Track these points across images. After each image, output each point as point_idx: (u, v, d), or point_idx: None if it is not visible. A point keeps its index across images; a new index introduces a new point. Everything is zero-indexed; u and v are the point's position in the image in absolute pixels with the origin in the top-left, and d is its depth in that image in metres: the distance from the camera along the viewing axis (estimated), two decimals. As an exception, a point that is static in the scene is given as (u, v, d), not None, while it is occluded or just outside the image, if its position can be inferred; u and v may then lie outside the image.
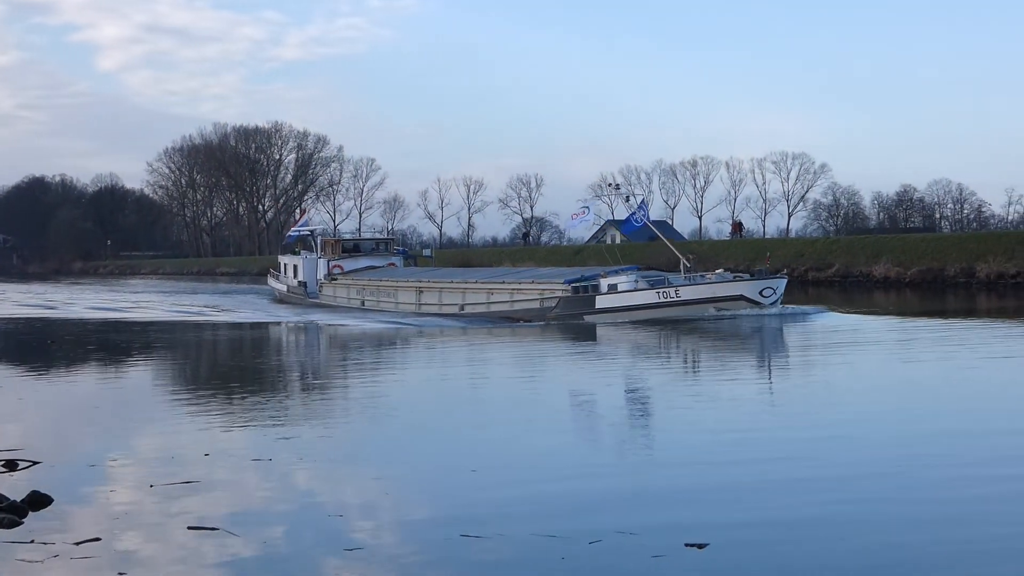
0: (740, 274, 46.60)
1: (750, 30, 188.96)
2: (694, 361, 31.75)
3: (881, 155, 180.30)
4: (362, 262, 63.46)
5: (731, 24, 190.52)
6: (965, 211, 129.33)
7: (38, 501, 11.99)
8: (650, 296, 42.32)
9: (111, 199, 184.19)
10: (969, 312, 47.95)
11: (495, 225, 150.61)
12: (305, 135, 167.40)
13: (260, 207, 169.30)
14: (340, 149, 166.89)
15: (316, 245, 65.83)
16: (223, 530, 10.93)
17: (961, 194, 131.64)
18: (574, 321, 42.94)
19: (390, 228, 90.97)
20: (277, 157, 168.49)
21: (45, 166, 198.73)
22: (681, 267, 44.42)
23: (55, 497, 12.20)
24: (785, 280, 43.09)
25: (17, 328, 49.68)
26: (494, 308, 49.01)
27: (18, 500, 11.92)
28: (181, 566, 9.84)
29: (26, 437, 16.59)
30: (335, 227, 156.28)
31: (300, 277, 64.72)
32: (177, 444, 16.43)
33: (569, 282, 45.69)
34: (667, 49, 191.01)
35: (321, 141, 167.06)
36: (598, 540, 10.52)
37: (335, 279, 61.81)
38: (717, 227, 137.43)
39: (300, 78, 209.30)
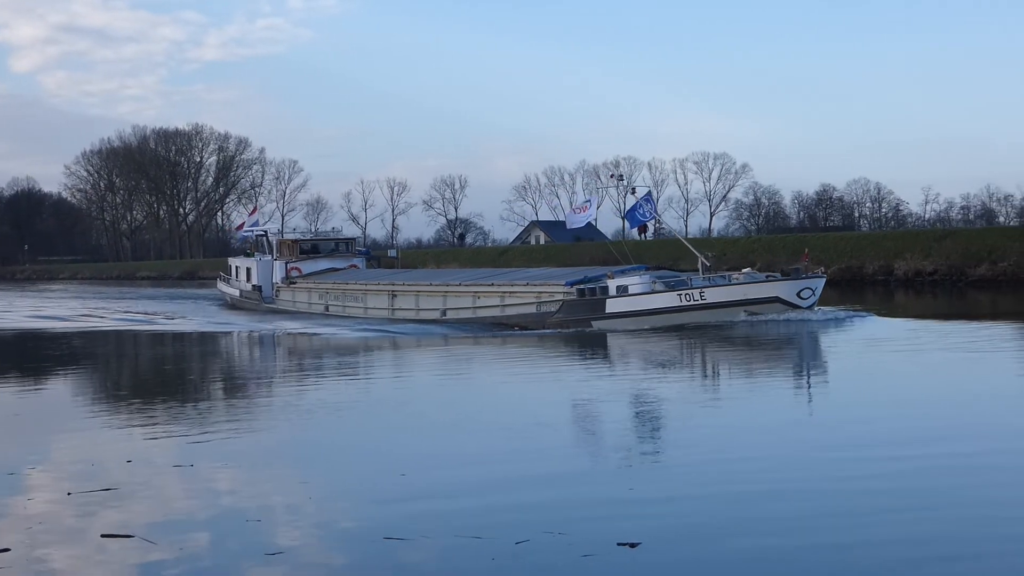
0: (772, 274, 42.49)
1: (671, 32, 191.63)
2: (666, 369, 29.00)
3: (801, 155, 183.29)
4: (322, 264, 59.18)
5: (653, 26, 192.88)
6: (883, 210, 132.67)
7: (-51, 510, 11.70)
8: (671, 299, 37.89)
9: (27, 203, 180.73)
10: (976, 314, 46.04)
11: (419, 227, 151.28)
12: (226, 137, 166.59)
13: (181, 210, 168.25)
14: (262, 151, 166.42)
15: (271, 246, 62.09)
16: (139, 537, 10.66)
17: (879, 193, 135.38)
18: (580, 328, 38.63)
19: (312, 230, 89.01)
20: (198, 159, 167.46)
21: None
22: (699, 266, 40.05)
23: (-34, 506, 11.96)
24: (824, 280, 38.55)
25: None
26: (481, 313, 44.41)
27: (-73, 508, 11.68)
28: (94, 574, 9.65)
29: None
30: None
31: (254, 281, 60.78)
32: (99, 452, 16.12)
33: (571, 284, 40.88)
34: (589, 51, 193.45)
35: (242, 143, 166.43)
36: (526, 540, 10.35)
37: (293, 282, 58.00)
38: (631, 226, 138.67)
39: (220, 79, 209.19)
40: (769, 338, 32.52)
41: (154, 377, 31.17)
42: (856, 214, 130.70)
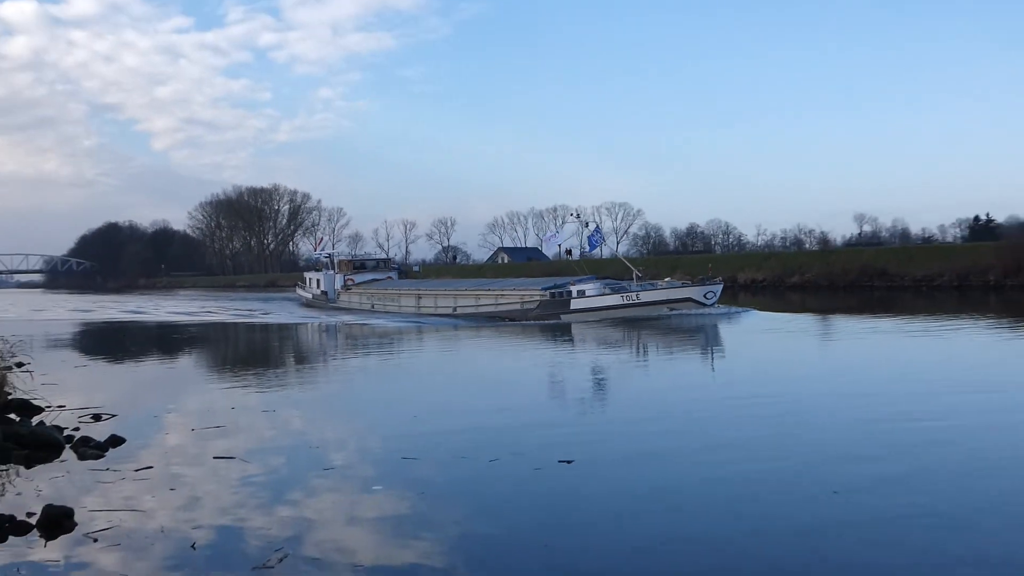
0: (686, 281, 42.95)
1: (591, 121, 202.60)
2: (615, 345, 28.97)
3: (677, 202, 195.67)
4: (367, 276, 61.29)
5: (579, 118, 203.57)
6: (730, 239, 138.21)
7: (115, 441, 12.48)
8: (616, 299, 38.84)
9: (163, 237, 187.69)
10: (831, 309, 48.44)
11: (424, 251, 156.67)
12: (295, 192, 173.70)
13: (264, 241, 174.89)
14: (319, 201, 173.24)
15: (333, 264, 63.54)
16: (239, 458, 11.45)
17: (727, 227, 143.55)
18: (551, 320, 38.82)
19: (352, 253, 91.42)
20: (276, 207, 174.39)
21: (117, 215, 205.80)
22: (633, 277, 41.15)
23: (127, 438, 12.66)
24: (721, 285, 39.16)
25: (110, 328, 49.12)
26: (482, 309, 44.65)
27: (101, 440, 12.45)
28: (208, 483, 10.26)
29: (108, 400, 16.78)
30: (314, 254, 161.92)
31: (322, 288, 62.06)
32: (213, 402, 16.77)
33: (545, 288, 41.96)
34: (539, 134, 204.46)
35: (305, 196, 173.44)
36: (497, 459, 11.03)
37: (349, 289, 59.09)
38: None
39: (290, 153, 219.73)
40: (684, 326, 32.68)
41: (251, 352, 31.85)
42: (712, 242, 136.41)
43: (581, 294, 39.90)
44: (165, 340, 35.74)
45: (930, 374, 18.70)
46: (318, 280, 63.60)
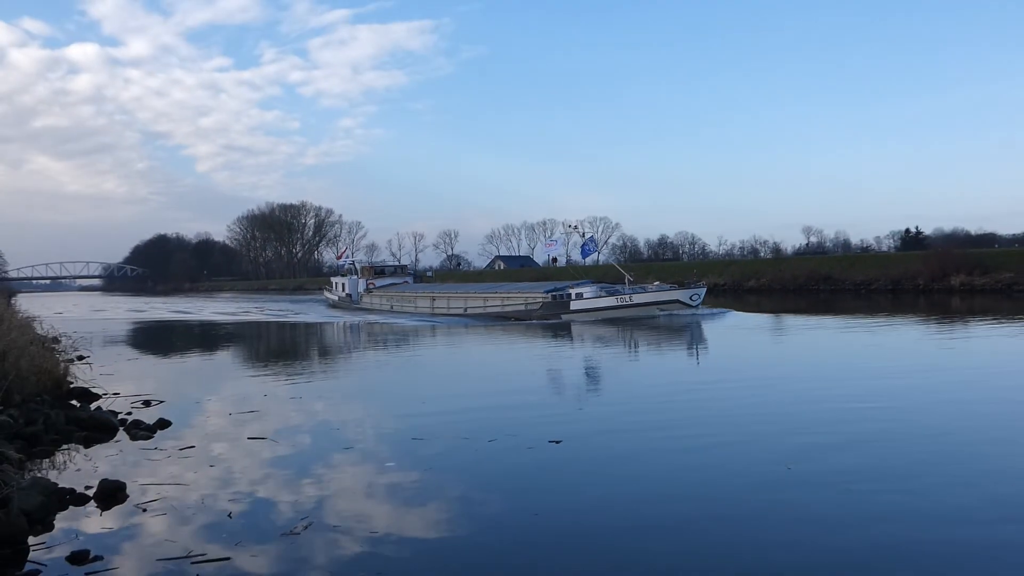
0: (673, 285, 40.75)
1: (572, 148, 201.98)
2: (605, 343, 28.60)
3: (650, 217, 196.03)
4: (387, 280, 60.33)
5: (560, 144, 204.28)
6: (695, 249, 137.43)
7: (162, 424, 12.46)
8: (612, 301, 37.55)
9: (206, 246, 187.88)
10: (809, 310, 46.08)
11: (431, 259, 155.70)
12: (319, 208, 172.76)
13: (293, 250, 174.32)
14: (340, 216, 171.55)
15: (356, 270, 62.58)
16: (270, 439, 11.39)
17: (693, 239, 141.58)
18: (553, 320, 37.42)
19: (370, 261, 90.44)
20: (303, 221, 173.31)
21: (166, 228, 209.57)
22: (626, 281, 39.94)
23: (173, 421, 12.63)
24: (705, 288, 38.07)
25: (161, 326, 49.00)
26: (489, 310, 43.18)
27: (150, 423, 12.42)
28: (243, 461, 10.20)
29: (157, 388, 16.76)
30: (339, 261, 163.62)
31: (347, 291, 60.94)
32: (248, 390, 16.70)
33: (547, 291, 40.50)
34: (532, 159, 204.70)
35: (329, 212, 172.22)
36: (495, 439, 10.97)
37: (370, 292, 57.66)
38: (559, 260, 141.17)
39: (316, 175, 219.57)
40: (672, 325, 31.63)
41: (283, 347, 31.65)
42: (680, 251, 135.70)
43: (579, 296, 38.70)
44: (208, 336, 35.49)
45: (872, 363, 18.69)
46: (343, 284, 62.73)
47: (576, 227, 44.00)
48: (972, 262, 52.29)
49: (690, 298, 36.53)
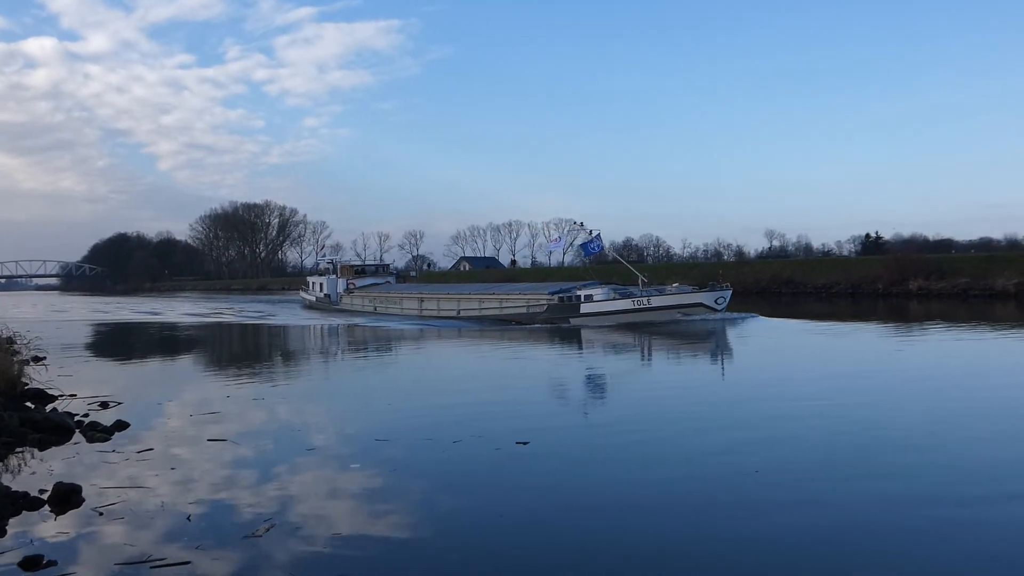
0: (694, 287, 37.36)
1: (537, 151, 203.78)
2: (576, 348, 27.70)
3: (615, 219, 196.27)
4: (368, 280, 57.02)
5: (525, 148, 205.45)
6: (660, 251, 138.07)
7: (120, 426, 12.22)
8: (627, 304, 34.01)
9: (167, 246, 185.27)
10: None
11: (396, 259, 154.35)
12: (284, 207, 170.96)
13: (256, 250, 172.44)
14: (304, 216, 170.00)
15: (335, 270, 59.58)
16: (230, 440, 11.25)
17: (658, 241, 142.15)
18: (560, 324, 34.39)
19: (351, 260, 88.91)
20: (267, 220, 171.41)
21: (126, 226, 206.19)
22: (639, 282, 36.35)
23: (131, 424, 12.37)
24: (731, 291, 34.45)
25: (125, 327, 47.80)
26: (485, 313, 39.78)
27: (108, 425, 12.17)
28: (205, 463, 10.05)
29: (116, 390, 16.41)
30: (302, 261, 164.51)
31: (325, 291, 57.81)
32: (210, 392, 16.45)
33: (553, 293, 36.93)
34: (494, 152, 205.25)
35: (293, 211, 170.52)
36: (460, 440, 10.92)
37: (351, 292, 54.42)
38: (523, 262, 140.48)
39: (280, 174, 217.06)
40: (695, 331, 28.99)
41: (251, 349, 31.29)
42: (644, 254, 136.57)
43: (589, 299, 35.30)
44: (173, 339, 34.64)
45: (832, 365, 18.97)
46: (321, 284, 59.88)
47: (581, 224, 39.39)
48: (930, 267, 53.33)
49: (715, 301, 33.44)
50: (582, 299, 35.56)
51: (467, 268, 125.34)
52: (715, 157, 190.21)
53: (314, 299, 60.49)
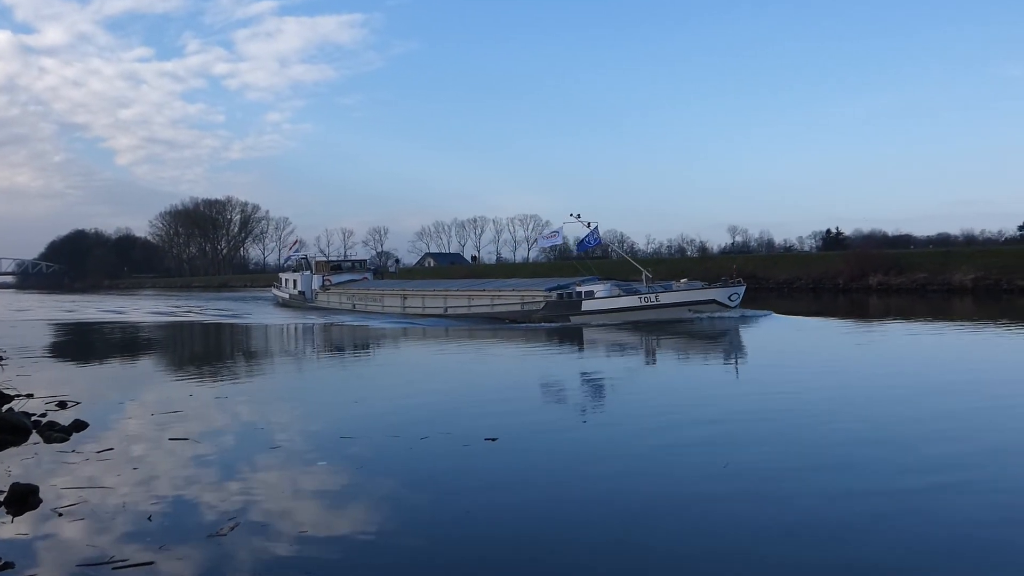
0: (704, 283, 35.00)
1: (502, 148, 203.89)
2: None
3: (582, 215, 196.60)
4: (344, 276, 54.73)
5: (489, 144, 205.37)
6: (624, 247, 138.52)
7: (79, 426, 12.01)
8: (633, 301, 31.95)
9: (126, 242, 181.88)
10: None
11: (360, 256, 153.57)
12: (246, 203, 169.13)
13: (218, 247, 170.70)
14: (267, 212, 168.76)
15: (310, 266, 57.15)
16: (192, 439, 11.11)
17: (623, 237, 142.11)
18: (560, 323, 32.31)
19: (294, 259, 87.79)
20: (228, 217, 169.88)
21: (84, 223, 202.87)
22: (643, 278, 34.10)
23: (91, 423, 12.17)
24: (744, 287, 32.30)
25: (87, 326, 46.51)
26: (475, 310, 37.50)
27: (66, 425, 11.97)
28: (167, 462, 9.91)
29: (76, 390, 16.06)
30: (264, 258, 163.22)
31: (299, 288, 55.25)
32: (173, 392, 16.18)
33: (550, 289, 34.77)
34: (459, 148, 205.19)
35: (255, 207, 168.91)
36: (427, 437, 10.87)
37: (327, 289, 52.41)
38: (489, 258, 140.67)
39: (242, 170, 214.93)
40: (707, 329, 27.36)
41: (218, 349, 30.86)
42: (609, 249, 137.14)
43: (590, 295, 33.19)
44: (137, 338, 33.67)
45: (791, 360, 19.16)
46: (295, 280, 57.19)
47: (578, 215, 36.67)
48: (889, 262, 54.29)
49: (728, 298, 31.47)
50: (583, 296, 33.52)
51: (432, 264, 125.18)
52: (679, 154, 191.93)
53: (287, 296, 58.21)
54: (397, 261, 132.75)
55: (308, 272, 56.52)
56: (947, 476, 8.61)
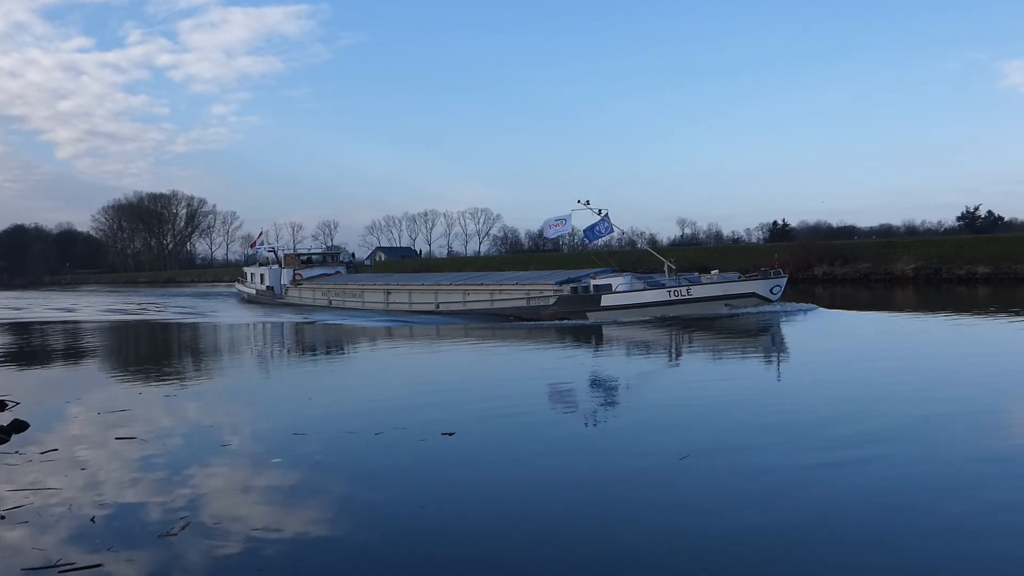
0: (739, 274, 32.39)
1: (454, 141, 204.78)
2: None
3: (531, 208, 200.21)
4: (316, 271, 51.45)
5: (441, 138, 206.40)
6: (575, 240, 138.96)
7: (18, 426, 11.70)
8: (661, 295, 28.92)
9: (68, 238, 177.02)
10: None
11: (311, 249, 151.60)
12: (192, 197, 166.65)
13: (164, 242, 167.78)
14: (214, 206, 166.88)
15: (278, 258, 54.37)
16: (140, 439, 10.90)
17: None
18: (576, 320, 29.47)
19: (247, 254, 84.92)
20: (174, 211, 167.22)
21: (23, 218, 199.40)
22: (666, 269, 31.33)
23: (32, 424, 11.87)
24: (786, 278, 29.50)
25: (31, 326, 44.66)
26: (472, 307, 34.38)
27: (4, 425, 11.63)
28: (114, 462, 9.73)
29: (12, 390, 15.61)
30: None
31: (267, 283, 52.13)
32: (121, 391, 15.91)
33: (561, 283, 32.05)
34: (409, 141, 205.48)
35: (202, 201, 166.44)
36: (382, 432, 10.81)
37: (298, 284, 49.41)
38: (440, 251, 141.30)
39: (187, 163, 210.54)
40: (747, 326, 25.23)
41: (170, 350, 30.13)
42: (560, 242, 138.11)
43: (607, 288, 30.35)
44: (85, 338, 32.51)
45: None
46: (262, 275, 53.80)
47: (587, 202, 32.77)
48: (834, 253, 55.63)
49: (770, 291, 28.80)
50: (603, 289, 30.56)
51: (383, 258, 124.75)
52: (628, 147, 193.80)
53: (254, 292, 54.72)
54: (352, 255, 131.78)
55: (276, 266, 53.71)
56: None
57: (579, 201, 32.45)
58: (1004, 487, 7.83)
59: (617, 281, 30.59)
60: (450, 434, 10.56)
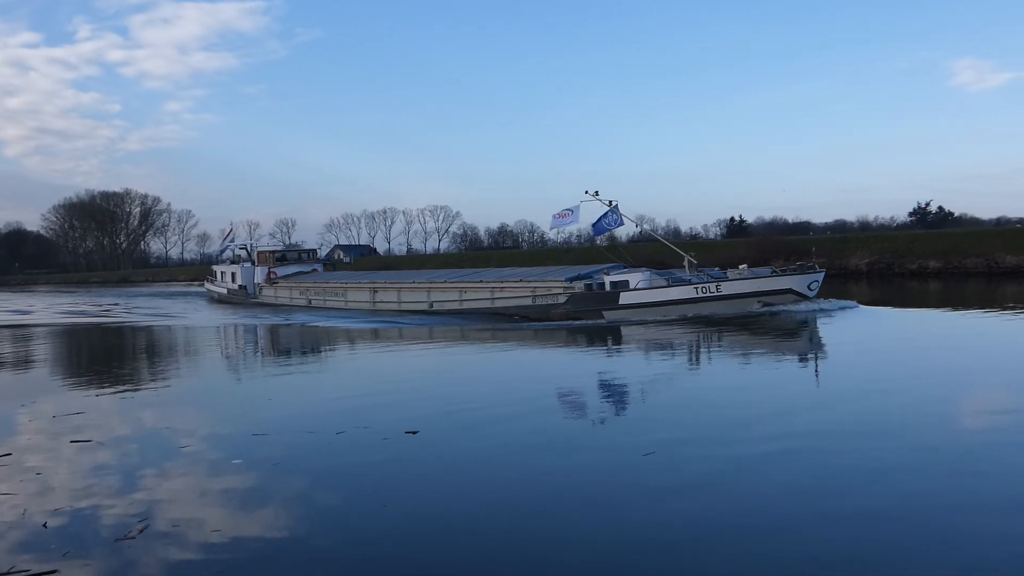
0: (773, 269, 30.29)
1: (415, 138, 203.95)
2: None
3: (491, 206, 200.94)
4: (291, 268, 49.01)
5: (404, 135, 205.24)
6: (535, 237, 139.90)
7: (-30, 433, 11.46)
8: (687, 292, 27.11)
9: (17, 237, 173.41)
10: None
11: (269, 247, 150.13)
12: (145, 196, 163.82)
13: (117, 241, 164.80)
14: (169, 205, 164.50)
15: (251, 256, 52.20)
16: (95, 442, 10.75)
17: (533, 227, 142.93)
18: (592, 320, 27.64)
19: (213, 253, 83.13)
20: (127, 210, 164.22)
21: None
22: (686, 264, 29.46)
23: (-17, 430, 11.63)
24: (824, 274, 27.91)
25: None
26: (469, 305, 32.29)
27: (-45, 433, 11.39)
28: (70, 466, 9.58)
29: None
30: (167, 252, 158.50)
31: (240, 282, 49.83)
32: (78, 395, 15.65)
33: (571, 279, 30.08)
34: (366, 138, 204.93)
35: (156, 200, 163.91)
36: (343, 432, 10.75)
37: (274, 283, 46.93)
38: (400, 249, 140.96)
39: (140, 161, 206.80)
40: (783, 325, 23.69)
41: (124, 352, 29.60)
42: (520, 239, 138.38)
43: (625, 285, 28.26)
44: (38, 343, 31.66)
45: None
46: (233, 274, 51.32)
47: (596, 193, 30.50)
48: (789, 248, 56.49)
49: (808, 287, 27.12)
50: (620, 286, 28.49)
51: (341, 256, 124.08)
52: (585, 144, 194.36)
53: (225, 292, 52.14)
54: (318, 253, 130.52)
55: (249, 264, 51.33)
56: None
57: (587, 192, 30.60)
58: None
59: (636, 277, 28.49)
60: (414, 432, 10.50)
